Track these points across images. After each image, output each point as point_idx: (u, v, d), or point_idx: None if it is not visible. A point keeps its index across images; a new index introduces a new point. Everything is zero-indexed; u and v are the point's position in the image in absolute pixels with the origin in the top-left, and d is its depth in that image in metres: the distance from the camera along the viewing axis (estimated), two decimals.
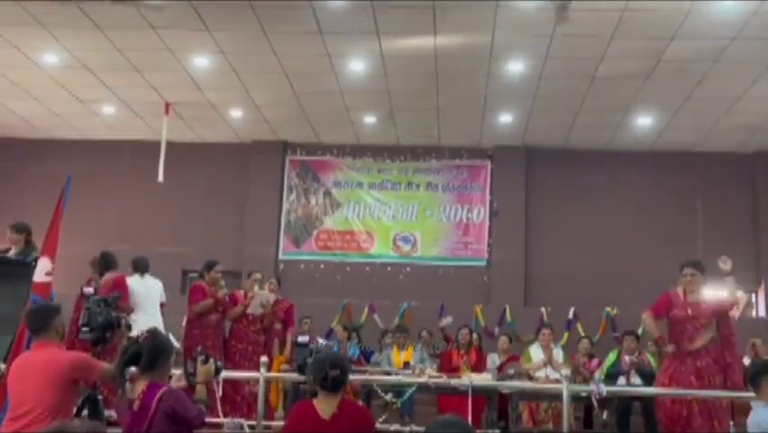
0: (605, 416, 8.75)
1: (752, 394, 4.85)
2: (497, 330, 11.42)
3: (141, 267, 7.95)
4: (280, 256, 13.01)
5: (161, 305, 8.00)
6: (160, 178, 11.23)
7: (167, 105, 11.44)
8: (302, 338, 7.94)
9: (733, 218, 12.44)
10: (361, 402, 8.22)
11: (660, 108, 11.06)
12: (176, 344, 6.68)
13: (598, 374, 8.83)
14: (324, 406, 4.03)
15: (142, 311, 7.57)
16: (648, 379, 8.68)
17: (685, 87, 10.20)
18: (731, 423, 7.24)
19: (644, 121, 11.52)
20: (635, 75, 9.92)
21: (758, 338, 9.56)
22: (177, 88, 10.93)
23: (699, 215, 12.50)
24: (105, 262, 7.50)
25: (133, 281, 7.74)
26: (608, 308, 11.36)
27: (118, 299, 5.01)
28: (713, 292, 6.90)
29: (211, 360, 4.14)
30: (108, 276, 7.39)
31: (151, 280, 8.02)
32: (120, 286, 7.19)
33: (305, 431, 3.73)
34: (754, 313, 12.30)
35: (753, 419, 4.60)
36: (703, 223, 12.47)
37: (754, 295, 12.43)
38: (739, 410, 6.65)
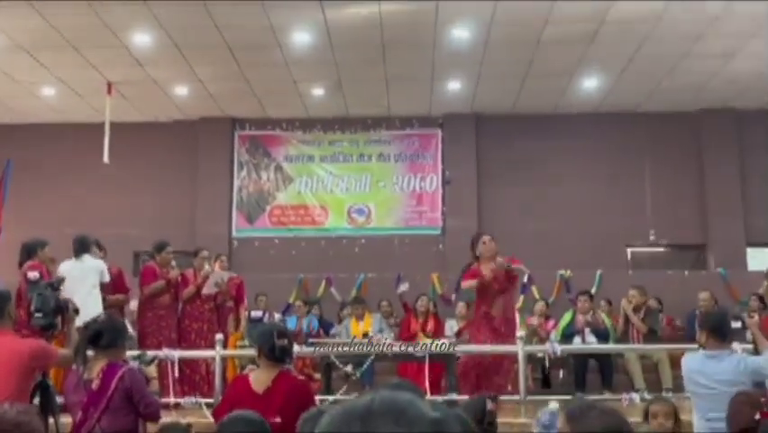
0: (561, 375, 8.92)
1: (694, 346, 4.91)
2: (453, 297, 11.49)
3: (75, 249, 7.48)
4: (234, 234, 12.89)
5: (104, 285, 7.45)
6: (106, 159, 10.99)
7: (109, 85, 11.15)
8: (255, 313, 7.88)
9: (680, 176, 12.67)
10: (319, 375, 8.24)
11: (605, 70, 11.15)
12: (130, 329, 6.58)
13: (554, 335, 9.00)
14: (259, 379, 3.95)
15: (77, 295, 6.80)
16: (603, 337, 8.86)
17: (628, 48, 10.28)
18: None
19: (589, 83, 11.61)
20: (578, 38, 9.97)
21: (706, 291, 9.77)
22: (118, 66, 10.65)
23: (646, 174, 12.72)
24: (27, 250, 7.14)
25: (67, 265, 7.35)
26: (562, 271, 11.50)
27: (63, 282, 4.89)
28: None
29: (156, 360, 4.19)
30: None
31: (90, 261, 7.48)
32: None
33: (238, 406, 3.75)
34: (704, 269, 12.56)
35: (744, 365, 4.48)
36: (651, 181, 12.68)
37: (702, 251, 12.71)
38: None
